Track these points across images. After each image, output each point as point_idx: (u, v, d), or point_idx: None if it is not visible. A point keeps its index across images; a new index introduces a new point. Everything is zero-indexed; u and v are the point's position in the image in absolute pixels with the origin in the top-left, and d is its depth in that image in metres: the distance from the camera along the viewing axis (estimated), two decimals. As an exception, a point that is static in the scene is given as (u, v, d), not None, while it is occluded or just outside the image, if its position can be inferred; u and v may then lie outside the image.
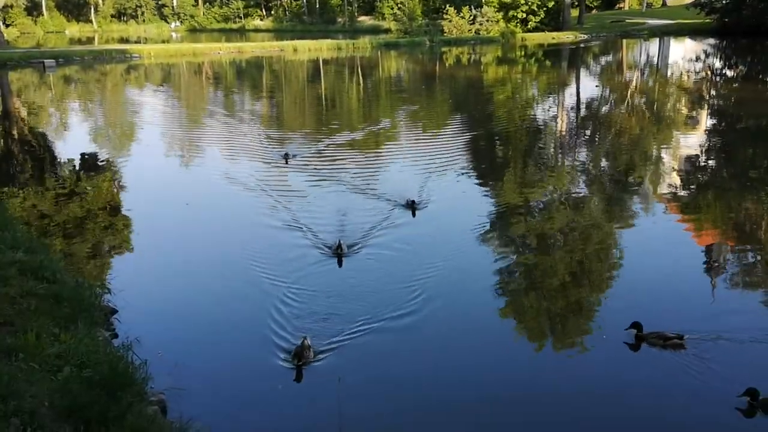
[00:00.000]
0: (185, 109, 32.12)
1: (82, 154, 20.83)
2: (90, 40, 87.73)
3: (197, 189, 16.24)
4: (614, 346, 8.51)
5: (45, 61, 48.45)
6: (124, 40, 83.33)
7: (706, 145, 21.10)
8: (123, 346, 7.78)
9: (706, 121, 24.98)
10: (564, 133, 23.32)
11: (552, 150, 20.61)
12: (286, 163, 17.74)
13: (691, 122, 24.35)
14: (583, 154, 20.08)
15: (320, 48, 62.22)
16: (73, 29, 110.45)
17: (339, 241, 11.28)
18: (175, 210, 14.74)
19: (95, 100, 35.30)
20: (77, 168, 19.18)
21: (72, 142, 23.48)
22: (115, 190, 16.71)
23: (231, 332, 8.97)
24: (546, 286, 10.49)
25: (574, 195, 15.50)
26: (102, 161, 20.11)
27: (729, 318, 9.10)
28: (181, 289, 10.50)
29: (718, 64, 45.97)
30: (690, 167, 18.14)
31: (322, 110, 29.84)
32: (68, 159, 20.34)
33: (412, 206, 13.64)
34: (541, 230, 13.01)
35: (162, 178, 17.85)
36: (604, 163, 18.88)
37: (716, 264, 11.27)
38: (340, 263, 10.92)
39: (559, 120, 25.55)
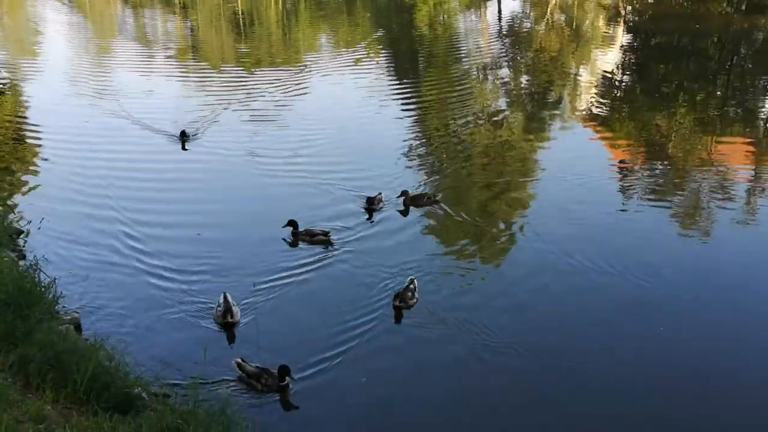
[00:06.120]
0: (90, 28, 30.17)
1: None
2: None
3: (100, 112, 15.40)
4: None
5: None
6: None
7: (622, 61, 21.48)
8: (31, 266, 7.42)
9: (622, 37, 25.35)
10: (487, 50, 23.22)
11: (474, 68, 20.48)
12: (183, 148, 13.11)
13: (608, 39, 24.69)
14: (505, 72, 20.10)
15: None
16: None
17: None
18: (79, 131, 13.90)
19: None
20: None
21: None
22: (19, 111, 15.71)
23: (140, 250, 8.79)
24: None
25: (495, 112, 15.62)
26: (1, 81, 18.75)
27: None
28: (89, 210, 10.07)
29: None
30: (606, 83, 18.49)
31: (240, 37, 28.16)
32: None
33: (369, 206, 10.14)
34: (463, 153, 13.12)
35: (65, 100, 16.72)
36: (524, 80, 18.99)
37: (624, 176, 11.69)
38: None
39: (481, 38, 25.41)
